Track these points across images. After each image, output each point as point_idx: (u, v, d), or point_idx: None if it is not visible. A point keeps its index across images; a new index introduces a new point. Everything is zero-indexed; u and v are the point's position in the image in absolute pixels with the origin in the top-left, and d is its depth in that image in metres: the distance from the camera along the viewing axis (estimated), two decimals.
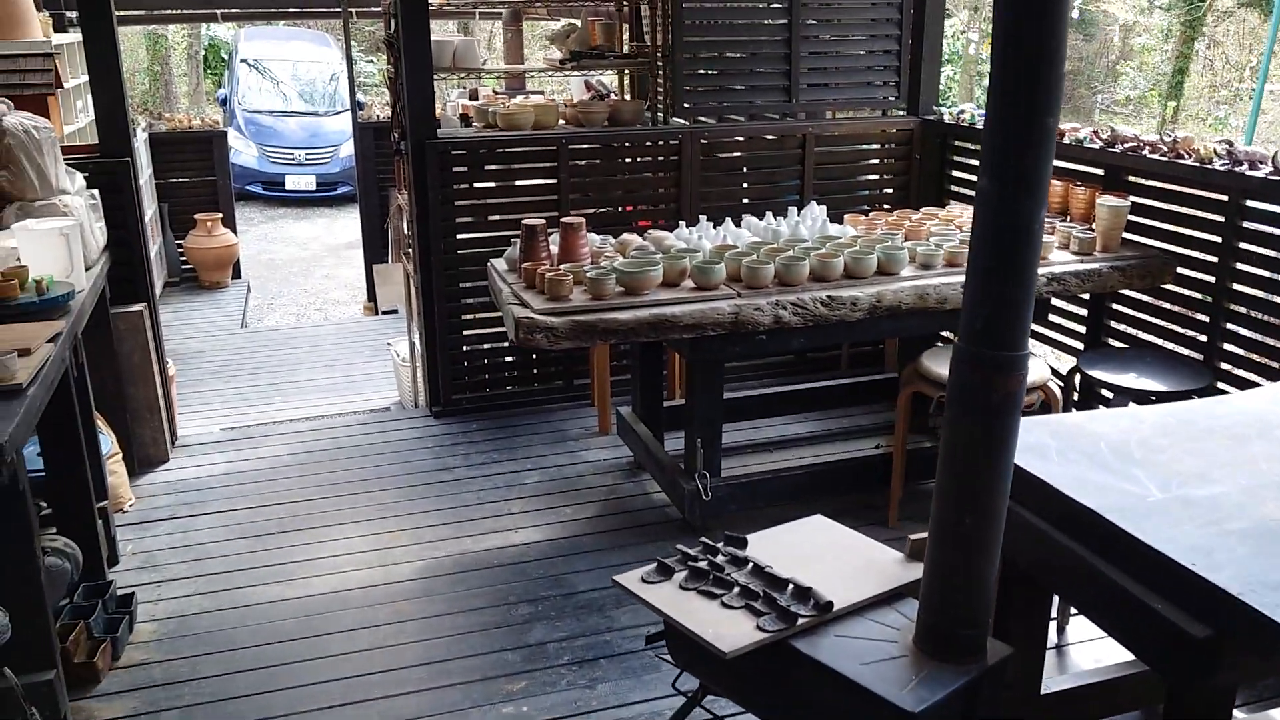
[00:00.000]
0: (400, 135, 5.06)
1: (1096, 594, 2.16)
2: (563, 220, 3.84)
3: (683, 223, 4.23)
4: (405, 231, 5.59)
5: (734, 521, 4.05)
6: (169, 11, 10.55)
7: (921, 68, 5.42)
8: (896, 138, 5.51)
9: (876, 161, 5.60)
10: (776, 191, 5.39)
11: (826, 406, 5.06)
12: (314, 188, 14.83)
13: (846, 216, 4.50)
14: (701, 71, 5.20)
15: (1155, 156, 4.12)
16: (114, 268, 4.34)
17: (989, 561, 2.07)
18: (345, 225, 13.95)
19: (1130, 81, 21.80)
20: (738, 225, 4.33)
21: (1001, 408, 1.98)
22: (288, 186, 14.79)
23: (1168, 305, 4.34)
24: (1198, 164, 3.94)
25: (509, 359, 5.27)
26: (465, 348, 5.19)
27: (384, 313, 8.49)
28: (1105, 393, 4.32)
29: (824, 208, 4.43)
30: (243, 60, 15.80)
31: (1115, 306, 4.49)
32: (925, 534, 2.55)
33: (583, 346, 3.74)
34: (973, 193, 5.25)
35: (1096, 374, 3.89)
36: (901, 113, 5.54)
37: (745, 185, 5.42)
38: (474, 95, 8.63)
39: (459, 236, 4.98)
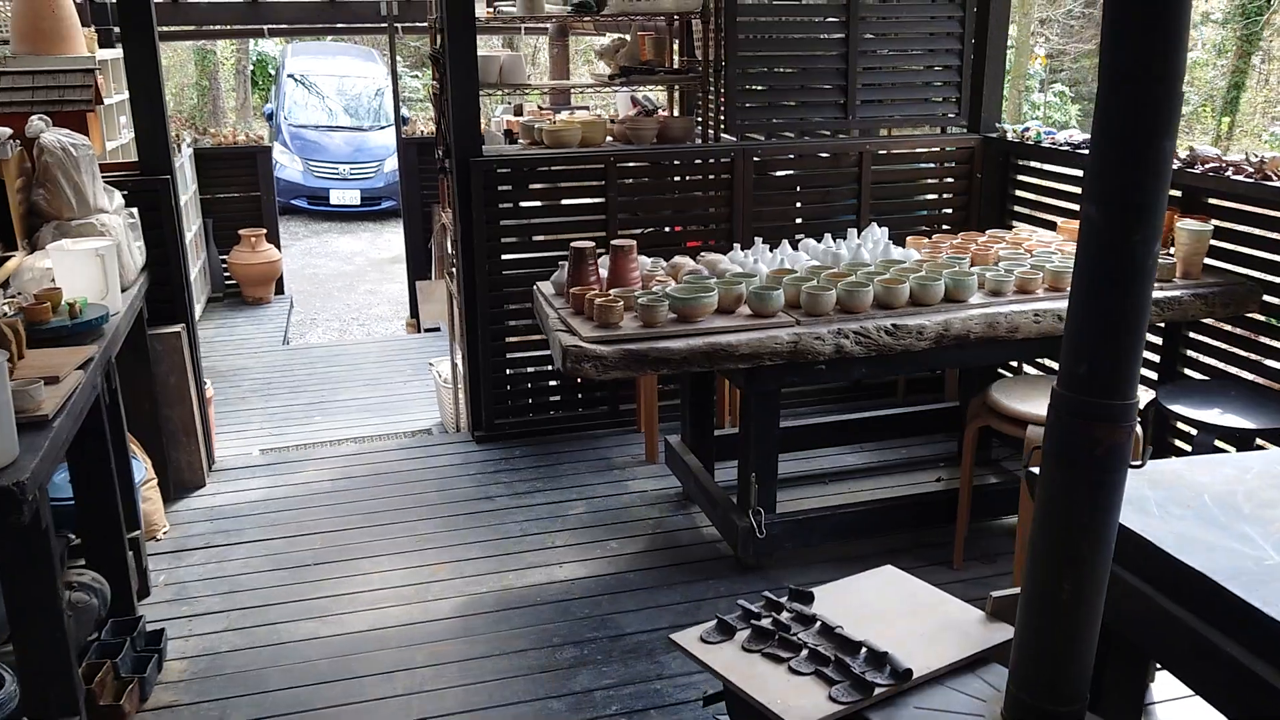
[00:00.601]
0: (444, 152, 4.93)
1: (1207, 667, 1.94)
2: (612, 242, 3.67)
3: (737, 245, 4.05)
4: (449, 250, 5.46)
5: (789, 560, 3.86)
6: (217, 26, 10.58)
7: (984, 83, 5.21)
8: (956, 156, 5.29)
9: (935, 181, 5.39)
10: (832, 211, 5.19)
11: (883, 437, 4.84)
12: (358, 202, 14.87)
13: (909, 239, 4.30)
14: (754, 87, 5.03)
15: (1240, 178, 3.88)
16: (152, 288, 4.23)
17: (1089, 632, 1.86)
18: (389, 240, 13.93)
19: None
20: (794, 248, 4.14)
21: (1106, 462, 1.78)
22: (332, 201, 14.82)
23: (1249, 335, 4.10)
24: None
25: (553, 383, 5.11)
26: (509, 371, 5.03)
27: (427, 330, 8.39)
28: (1187, 428, 4.09)
29: (885, 230, 4.23)
30: (289, 75, 15.88)
31: (1190, 335, 4.25)
32: (1009, 591, 2.35)
33: (632, 376, 3.57)
34: (1037, 214, 5.07)
35: (1178, 409, 3.65)
36: (962, 130, 5.33)
37: (799, 205, 5.23)
38: (519, 111, 8.52)
39: (504, 257, 4.83)
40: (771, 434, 3.70)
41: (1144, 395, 4.27)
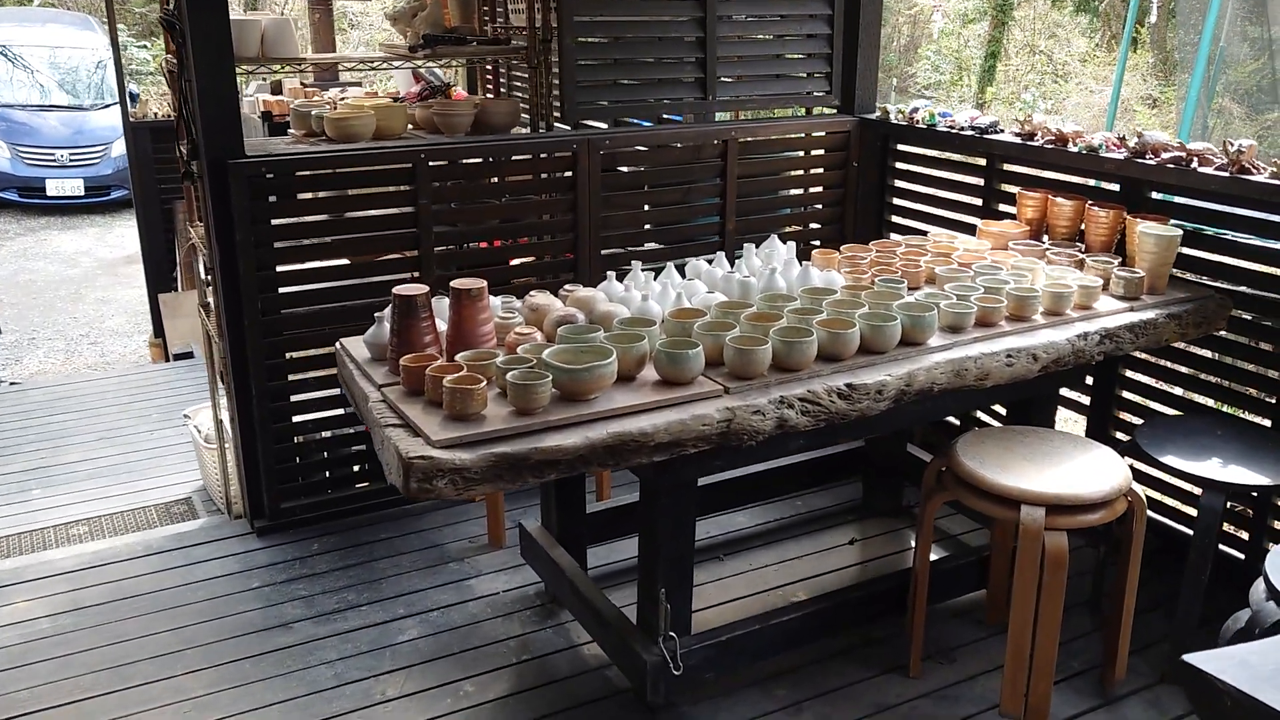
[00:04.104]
0: (190, 151, 3.65)
1: None
2: (455, 285, 2.59)
3: (610, 274, 3.04)
4: (202, 276, 4.18)
5: (708, 688, 2.93)
6: None
7: (858, 54, 4.40)
8: (828, 142, 4.47)
9: (801, 173, 4.55)
10: (692, 214, 4.26)
11: (774, 493, 3.97)
12: (82, 192, 12.89)
13: (814, 254, 3.42)
14: (594, 61, 4.02)
15: (1210, 172, 3.21)
16: None
17: None
18: (121, 235, 12.06)
19: (932, 65, 21.81)
20: (682, 272, 3.19)
21: None
22: (49, 192, 12.79)
23: (1201, 354, 3.50)
24: (1278, 181, 3.05)
25: (356, 448, 3.95)
26: (296, 438, 3.83)
27: (177, 356, 6.93)
28: (1173, 480, 3.45)
29: (792, 244, 3.34)
30: None
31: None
32: None
33: (507, 490, 2.52)
34: (929, 209, 4.31)
35: (1171, 460, 2.96)
36: (833, 111, 4.51)
37: (646, 208, 4.25)
38: (277, 89, 7.19)
39: (281, 291, 3.63)
40: (687, 534, 2.74)
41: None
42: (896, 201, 4.48)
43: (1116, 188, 3.60)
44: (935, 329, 2.82)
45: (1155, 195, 3.53)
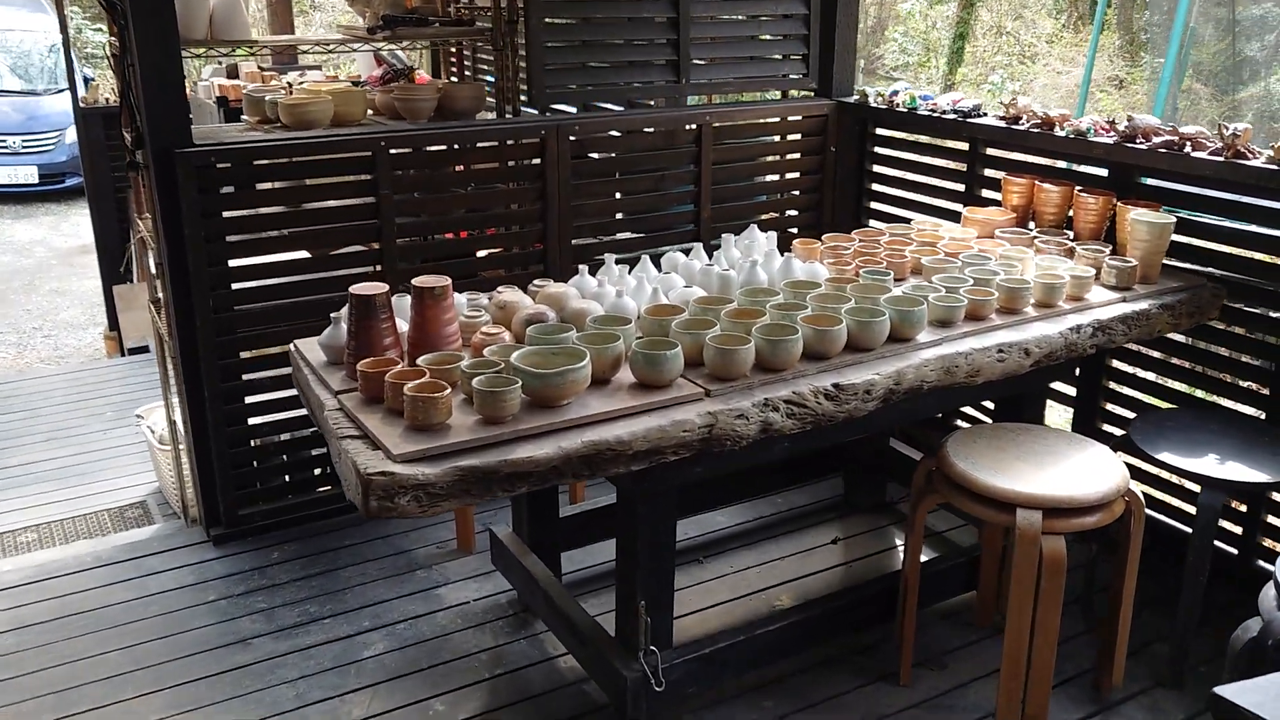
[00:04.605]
0: (134, 139, 3.45)
1: None
2: (417, 283, 2.42)
3: (582, 269, 2.88)
4: (153, 271, 3.98)
5: (694, 704, 2.80)
6: None
7: (835, 37, 4.25)
8: (804, 126, 4.32)
9: (778, 158, 4.40)
10: (665, 202, 4.10)
11: (754, 491, 3.83)
12: (35, 180, 12.54)
13: (795, 244, 3.27)
14: (563, 43, 3.85)
15: (1204, 156, 3.09)
16: None
17: None
18: (77, 224, 11.74)
19: (899, 47, 21.69)
20: (656, 264, 3.03)
21: None
22: (1, 180, 12.43)
23: (1185, 340, 3.39)
24: (1275, 166, 2.94)
25: (317, 451, 3.78)
26: (253, 442, 3.65)
27: (132, 351, 6.69)
28: (1166, 475, 3.35)
29: (772, 234, 3.19)
30: None
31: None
32: None
33: (474, 504, 2.37)
34: (905, 194, 4.18)
35: (1167, 457, 2.84)
36: (810, 94, 4.36)
37: (618, 196, 4.08)
38: (233, 73, 6.95)
39: (235, 286, 3.45)
40: (667, 545, 2.60)
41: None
42: (876, 188, 4.34)
43: (1104, 173, 3.48)
44: (924, 324, 2.68)
45: (1145, 181, 3.41)
